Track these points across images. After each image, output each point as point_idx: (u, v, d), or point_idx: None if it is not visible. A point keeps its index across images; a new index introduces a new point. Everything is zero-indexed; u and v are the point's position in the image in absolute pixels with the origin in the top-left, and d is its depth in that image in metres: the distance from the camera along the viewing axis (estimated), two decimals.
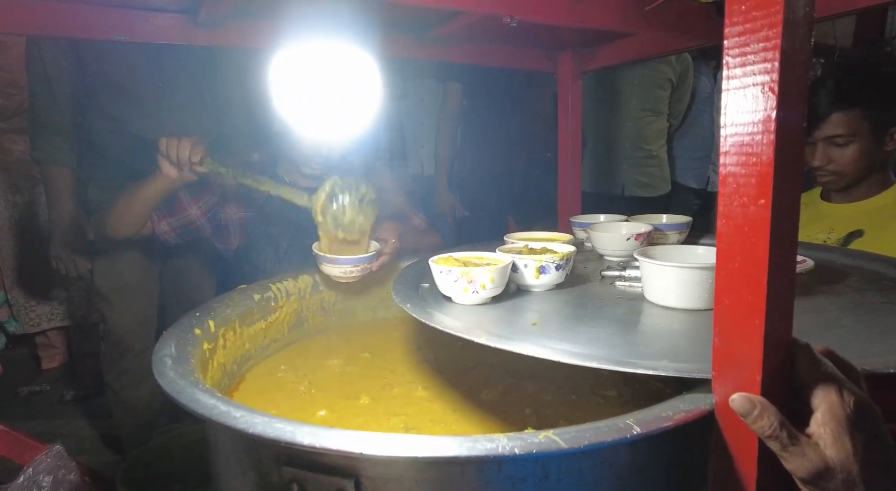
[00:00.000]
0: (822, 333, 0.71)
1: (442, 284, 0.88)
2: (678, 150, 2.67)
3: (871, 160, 1.42)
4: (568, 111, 1.60)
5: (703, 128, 2.68)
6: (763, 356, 0.49)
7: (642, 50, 1.43)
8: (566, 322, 0.82)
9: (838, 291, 0.90)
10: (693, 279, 0.78)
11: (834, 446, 0.48)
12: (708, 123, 2.67)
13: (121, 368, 1.78)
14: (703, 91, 2.64)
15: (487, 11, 0.95)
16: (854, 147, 1.41)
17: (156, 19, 1.10)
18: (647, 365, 0.62)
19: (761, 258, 0.48)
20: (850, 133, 1.40)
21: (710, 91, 2.64)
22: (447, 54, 1.42)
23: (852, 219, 1.45)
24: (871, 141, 1.41)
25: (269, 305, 1.09)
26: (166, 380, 0.64)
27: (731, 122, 0.49)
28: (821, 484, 0.49)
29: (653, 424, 0.53)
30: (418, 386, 0.98)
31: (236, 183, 1.25)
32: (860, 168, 1.43)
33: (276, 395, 0.93)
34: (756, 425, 0.49)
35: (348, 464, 0.55)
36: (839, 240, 1.43)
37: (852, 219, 1.45)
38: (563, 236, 1.15)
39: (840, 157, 1.42)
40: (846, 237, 1.42)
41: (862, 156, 1.41)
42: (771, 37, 0.46)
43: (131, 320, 1.77)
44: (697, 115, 2.66)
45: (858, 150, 1.41)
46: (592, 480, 0.56)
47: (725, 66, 0.49)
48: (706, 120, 2.68)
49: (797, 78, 0.47)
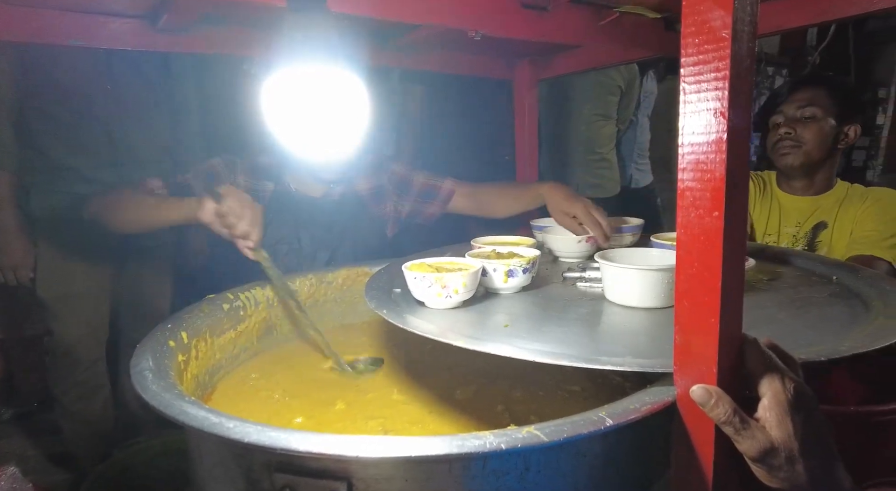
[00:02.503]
0: (763, 327, 0.79)
1: (415, 290, 0.91)
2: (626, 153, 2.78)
3: (826, 148, 1.56)
4: (524, 117, 1.66)
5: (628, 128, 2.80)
6: (718, 351, 0.55)
7: (595, 60, 1.51)
8: (535, 323, 0.86)
9: (775, 288, 0.99)
10: (652, 281, 0.85)
11: (778, 428, 0.55)
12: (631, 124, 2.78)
13: (71, 382, 1.70)
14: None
15: (454, 26, 0.99)
16: (816, 126, 1.55)
17: (114, 24, 1.08)
18: (613, 361, 0.68)
19: (716, 264, 0.54)
20: (817, 106, 1.54)
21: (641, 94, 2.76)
22: (409, 62, 1.45)
23: (815, 212, 1.59)
24: (831, 126, 1.55)
25: (238, 314, 1.08)
26: (151, 394, 0.64)
27: (688, 142, 0.55)
28: (767, 461, 0.56)
29: (623, 416, 0.58)
30: (393, 389, 1.00)
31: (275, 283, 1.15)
32: (819, 147, 1.56)
33: (250, 404, 0.93)
34: (713, 413, 0.55)
35: (340, 467, 0.57)
36: (807, 232, 1.58)
37: (815, 212, 1.59)
38: (527, 240, 1.20)
39: (804, 130, 1.56)
40: (813, 229, 1.58)
41: (821, 136, 1.55)
42: (721, 68, 0.52)
43: (80, 330, 1.69)
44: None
45: (819, 130, 1.55)
46: (568, 471, 0.61)
47: (682, 92, 0.55)
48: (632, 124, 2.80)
49: (743, 103, 0.53)
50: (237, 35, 1.19)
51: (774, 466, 0.56)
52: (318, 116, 0.73)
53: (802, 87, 1.58)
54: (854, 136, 1.56)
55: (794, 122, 1.57)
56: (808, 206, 1.60)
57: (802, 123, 1.56)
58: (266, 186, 1.41)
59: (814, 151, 1.56)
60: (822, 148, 1.56)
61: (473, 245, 1.17)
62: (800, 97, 1.57)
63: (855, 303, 0.89)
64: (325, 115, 0.70)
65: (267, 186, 1.41)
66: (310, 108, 0.69)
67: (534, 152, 1.69)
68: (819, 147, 1.56)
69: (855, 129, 1.55)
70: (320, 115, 0.71)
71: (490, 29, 1.04)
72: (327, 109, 0.70)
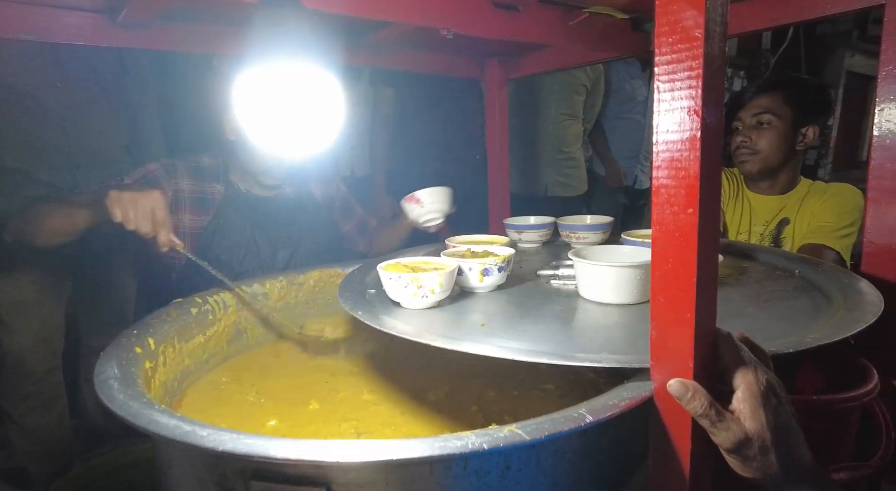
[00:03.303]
0: (733, 320, 0.81)
1: (391, 290, 0.90)
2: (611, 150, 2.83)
3: (785, 151, 1.61)
4: (495, 116, 1.67)
5: (632, 130, 2.85)
6: (694, 345, 0.56)
7: (564, 60, 1.52)
8: (511, 321, 0.86)
9: (742, 282, 1.02)
10: (625, 277, 0.86)
11: (752, 419, 0.56)
12: (637, 126, 2.84)
13: (22, 394, 1.62)
14: (640, 95, 2.80)
15: (426, 24, 0.98)
16: (773, 132, 1.60)
17: (69, 18, 1.03)
18: (590, 358, 0.68)
19: (691, 259, 0.55)
20: (772, 113, 1.59)
21: (646, 95, 2.80)
22: (379, 60, 1.43)
23: (781, 210, 1.65)
24: (787, 131, 1.60)
25: (207, 319, 1.05)
26: (118, 403, 0.61)
27: (662, 139, 0.56)
28: (742, 452, 0.57)
29: (602, 412, 0.58)
30: (364, 390, 0.99)
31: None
32: (776, 153, 1.61)
33: (222, 409, 0.91)
34: (690, 406, 0.56)
35: (319, 473, 0.56)
36: (773, 230, 1.64)
37: (781, 210, 1.65)
38: (501, 239, 1.21)
39: (759, 139, 1.61)
40: (777, 226, 1.64)
41: (779, 141, 1.60)
42: (694, 67, 0.52)
43: (32, 341, 1.60)
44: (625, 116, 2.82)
45: (776, 135, 1.60)
46: (548, 468, 0.61)
47: (657, 91, 0.55)
48: (636, 122, 2.84)
49: (716, 101, 0.54)
50: (202, 32, 1.15)
51: (748, 456, 0.57)
52: (289, 115, 0.71)
53: (761, 94, 1.62)
54: (813, 136, 1.61)
55: (750, 130, 1.62)
56: (775, 204, 1.66)
57: (758, 131, 1.61)
58: (214, 188, 1.37)
59: (770, 157, 1.61)
60: (779, 153, 1.61)
61: (448, 244, 1.17)
62: (756, 104, 1.62)
63: (817, 295, 0.92)
64: (298, 113, 0.69)
65: (215, 188, 1.37)
66: (281, 106, 0.67)
67: (505, 151, 1.70)
68: (776, 153, 1.61)
69: (813, 130, 1.61)
70: (292, 113, 0.69)
71: (462, 28, 1.04)
72: (299, 108, 0.68)
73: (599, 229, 1.34)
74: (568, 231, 1.37)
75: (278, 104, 0.67)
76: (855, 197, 1.55)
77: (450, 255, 1.01)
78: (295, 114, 0.69)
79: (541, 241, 1.41)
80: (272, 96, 0.66)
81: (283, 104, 0.67)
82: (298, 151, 0.74)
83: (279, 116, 0.68)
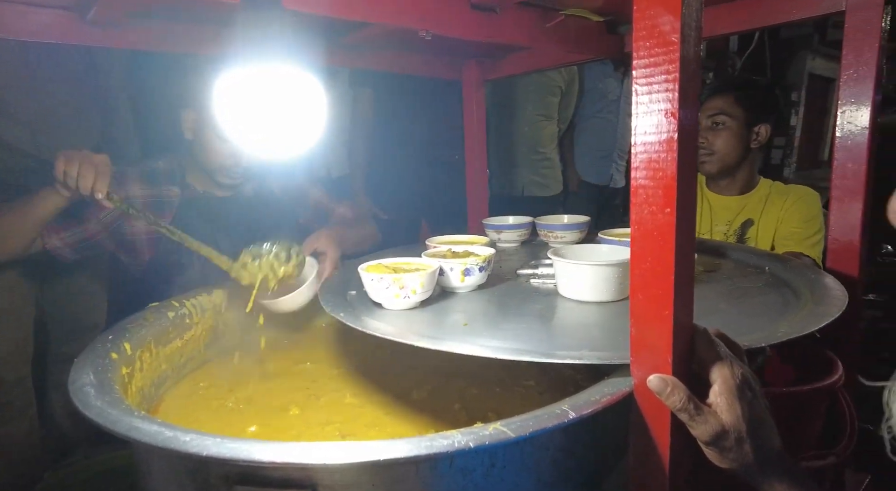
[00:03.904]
0: (708, 317, 0.83)
1: (373, 291, 0.90)
2: (583, 149, 2.86)
3: (741, 150, 1.67)
4: (473, 116, 1.68)
5: (606, 128, 2.89)
6: (672, 342, 0.58)
7: (540, 61, 1.54)
8: (493, 320, 0.87)
9: (715, 279, 1.05)
10: (604, 275, 0.88)
11: (728, 412, 0.58)
12: (610, 124, 2.88)
13: None
14: (612, 94, 2.83)
15: (405, 25, 0.99)
16: (728, 132, 1.66)
17: (37, 15, 1.00)
18: (572, 355, 0.70)
19: (668, 258, 0.57)
20: (726, 114, 1.65)
21: (619, 95, 2.84)
22: (358, 61, 1.43)
23: (742, 210, 1.70)
24: (741, 130, 1.66)
25: (184, 323, 1.03)
26: (95, 411, 0.59)
27: (640, 141, 0.57)
28: (719, 443, 0.59)
29: (584, 408, 0.59)
30: (346, 393, 0.99)
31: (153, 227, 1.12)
32: (732, 152, 1.67)
33: (201, 414, 0.89)
34: (669, 401, 0.58)
35: (305, 475, 0.56)
36: (736, 229, 1.69)
37: (742, 210, 1.70)
38: (481, 239, 1.22)
39: (715, 139, 1.67)
40: (741, 226, 1.69)
41: (734, 140, 1.66)
42: (671, 70, 0.54)
43: (7, 349, 1.55)
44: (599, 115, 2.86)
45: (731, 135, 1.66)
46: (532, 464, 0.62)
47: (634, 94, 0.57)
48: (609, 121, 2.88)
49: (691, 104, 0.56)
50: (174, 30, 1.12)
51: (725, 447, 0.59)
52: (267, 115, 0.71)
53: (714, 96, 1.69)
54: (765, 134, 1.68)
55: (706, 131, 1.68)
56: (735, 204, 1.71)
57: (714, 132, 1.67)
58: (170, 191, 1.34)
59: (727, 157, 1.67)
60: (735, 152, 1.67)
61: (428, 245, 1.17)
62: (710, 106, 1.68)
63: (786, 291, 0.95)
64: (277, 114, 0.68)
65: (171, 191, 1.34)
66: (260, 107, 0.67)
67: (483, 151, 1.71)
68: (732, 152, 1.67)
69: (765, 129, 1.68)
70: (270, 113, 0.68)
71: (440, 29, 1.04)
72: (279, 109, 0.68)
73: (577, 228, 1.36)
74: (546, 230, 1.39)
75: (255, 105, 0.66)
76: (816, 201, 1.63)
77: (431, 255, 1.02)
78: (274, 114, 0.68)
79: (519, 241, 1.43)
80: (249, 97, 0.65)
81: (262, 105, 0.66)
82: (279, 153, 0.74)
83: (253, 117, 0.67)
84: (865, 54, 0.97)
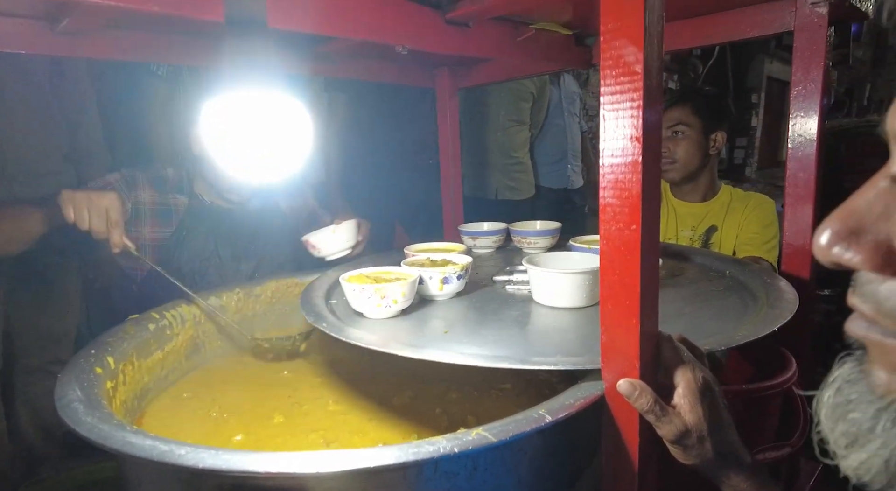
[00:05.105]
0: (674, 320, 0.89)
1: (354, 301, 0.93)
2: (539, 156, 2.92)
3: (701, 157, 1.76)
4: (447, 123, 1.71)
5: (557, 133, 2.95)
6: (639, 348, 0.62)
7: (511, 71, 1.58)
8: (471, 327, 0.91)
9: (680, 284, 1.11)
10: (576, 283, 0.92)
11: (691, 413, 0.63)
12: (560, 129, 2.94)
13: None
14: (554, 100, 2.90)
15: (382, 41, 1.01)
16: (688, 141, 1.75)
17: (3, 25, 0.98)
18: (547, 361, 0.74)
19: (635, 270, 0.61)
20: (684, 124, 1.74)
21: (558, 98, 2.90)
22: (332, 70, 1.44)
23: (706, 216, 1.78)
24: (699, 138, 1.75)
25: (164, 334, 1.04)
26: (87, 427, 0.60)
27: (608, 163, 0.61)
28: (682, 442, 0.64)
29: (560, 412, 0.63)
30: (329, 400, 1.00)
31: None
32: (693, 159, 1.75)
33: (185, 425, 0.90)
34: (637, 403, 0.63)
35: (296, 484, 0.58)
36: (701, 235, 1.77)
37: (706, 216, 1.78)
38: (458, 246, 1.25)
39: (675, 148, 1.75)
40: (706, 232, 1.77)
41: (694, 149, 1.75)
42: (636, 98, 0.58)
43: None
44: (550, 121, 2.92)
45: (691, 143, 1.75)
46: (512, 466, 0.66)
47: (603, 119, 0.61)
48: (558, 126, 2.93)
49: (654, 128, 0.61)
50: (147, 40, 1.12)
51: (688, 445, 0.64)
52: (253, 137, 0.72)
53: (672, 108, 1.77)
54: (722, 140, 1.77)
55: (667, 141, 1.76)
56: (699, 211, 1.80)
57: (674, 142, 1.76)
58: (178, 200, 1.35)
59: (689, 164, 1.76)
60: (696, 159, 1.76)
61: (406, 253, 1.20)
62: (669, 117, 1.76)
63: (745, 294, 1.02)
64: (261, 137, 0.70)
65: (179, 200, 1.35)
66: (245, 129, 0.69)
67: (457, 157, 1.74)
68: (692, 159, 1.76)
69: (721, 135, 1.77)
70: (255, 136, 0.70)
71: (416, 44, 1.07)
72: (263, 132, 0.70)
73: (548, 234, 1.41)
74: (519, 236, 1.43)
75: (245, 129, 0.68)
76: (771, 209, 1.72)
77: (410, 264, 1.05)
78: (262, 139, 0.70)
79: (494, 247, 1.47)
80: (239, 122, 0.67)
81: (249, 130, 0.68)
82: (266, 174, 0.75)
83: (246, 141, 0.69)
84: (812, 72, 1.04)
